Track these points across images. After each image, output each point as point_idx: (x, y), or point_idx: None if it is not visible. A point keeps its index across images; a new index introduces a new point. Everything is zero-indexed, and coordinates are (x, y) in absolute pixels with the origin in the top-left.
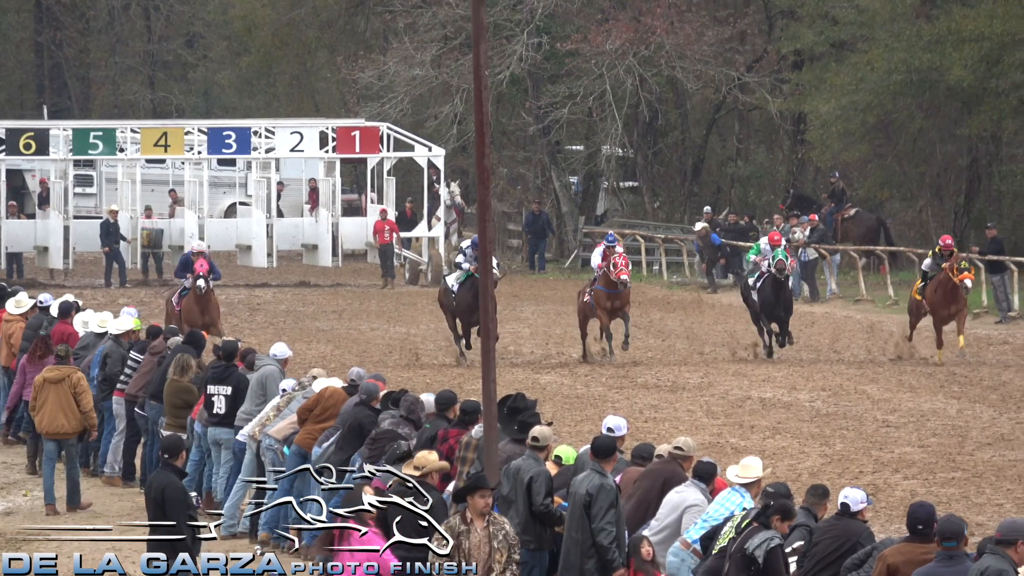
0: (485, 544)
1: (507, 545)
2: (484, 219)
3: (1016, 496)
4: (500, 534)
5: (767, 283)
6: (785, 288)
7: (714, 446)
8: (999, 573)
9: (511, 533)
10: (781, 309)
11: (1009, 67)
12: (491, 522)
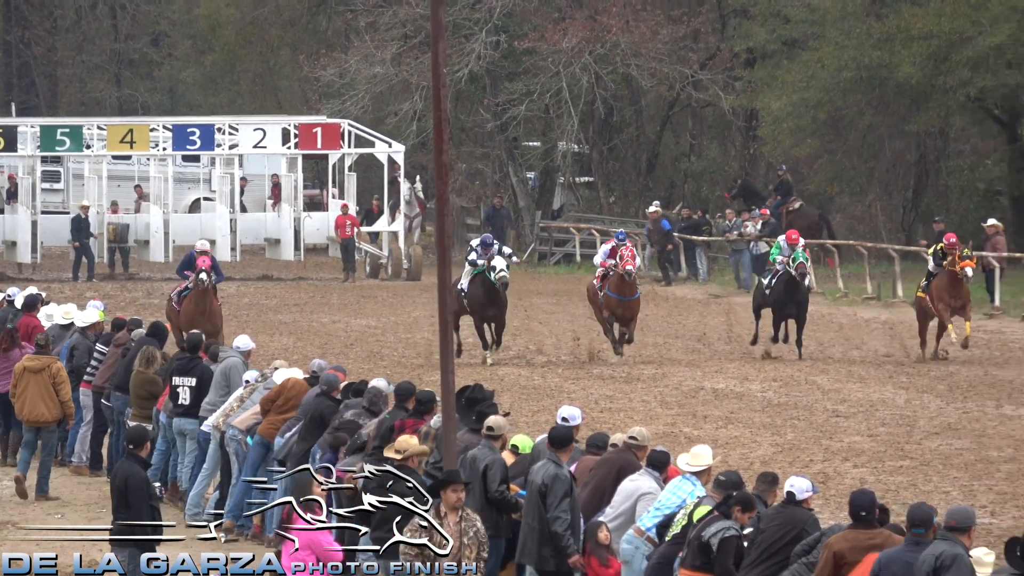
0: (456, 538)
1: (477, 542)
2: (442, 214)
3: (962, 484)
4: (471, 530)
5: (781, 281)
6: (800, 287)
7: (668, 435)
8: (955, 558)
9: (482, 530)
10: (793, 307)
11: (956, 64)
12: (464, 517)
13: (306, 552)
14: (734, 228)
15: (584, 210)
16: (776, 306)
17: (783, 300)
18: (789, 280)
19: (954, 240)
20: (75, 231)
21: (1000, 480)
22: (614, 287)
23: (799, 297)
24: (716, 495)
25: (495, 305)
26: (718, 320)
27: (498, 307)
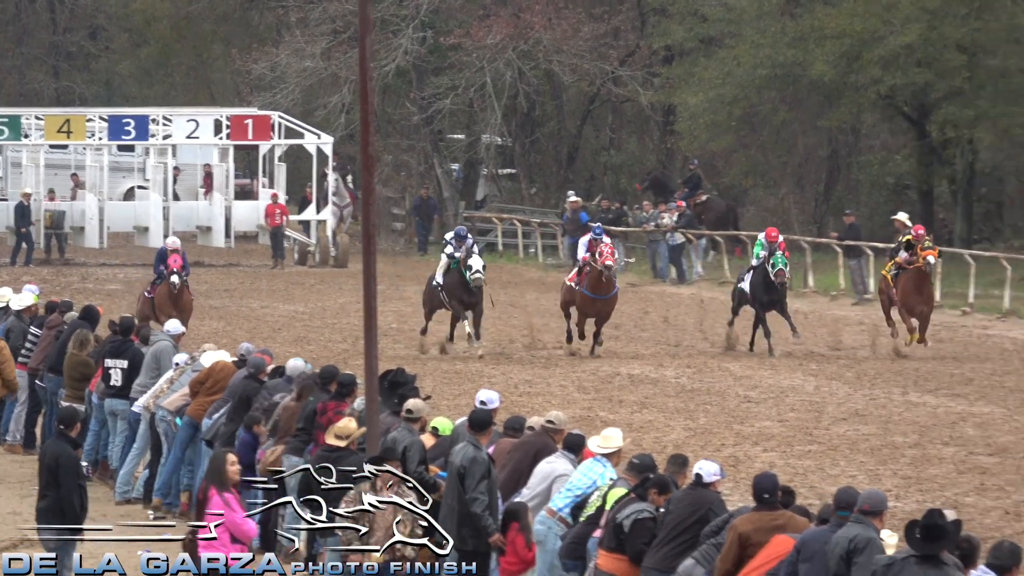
0: (389, 514)
1: (411, 519)
2: (368, 203)
3: (868, 468)
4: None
5: (758, 273)
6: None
7: (584, 419)
8: (868, 541)
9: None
10: (775, 294)
11: (868, 63)
12: (399, 493)
13: (220, 529)
14: (651, 220)
15: (506, 201)
16: (755, 298)
17: (762, 294)
18: (767, 276)
19: (922, 232)
20: (18, 218)
21: (904, 465)
22: (591, 285)
23: (776, 290)
24: (630, 477)
25: (472, 293)
26: (634, 308)
27: (474, 294)
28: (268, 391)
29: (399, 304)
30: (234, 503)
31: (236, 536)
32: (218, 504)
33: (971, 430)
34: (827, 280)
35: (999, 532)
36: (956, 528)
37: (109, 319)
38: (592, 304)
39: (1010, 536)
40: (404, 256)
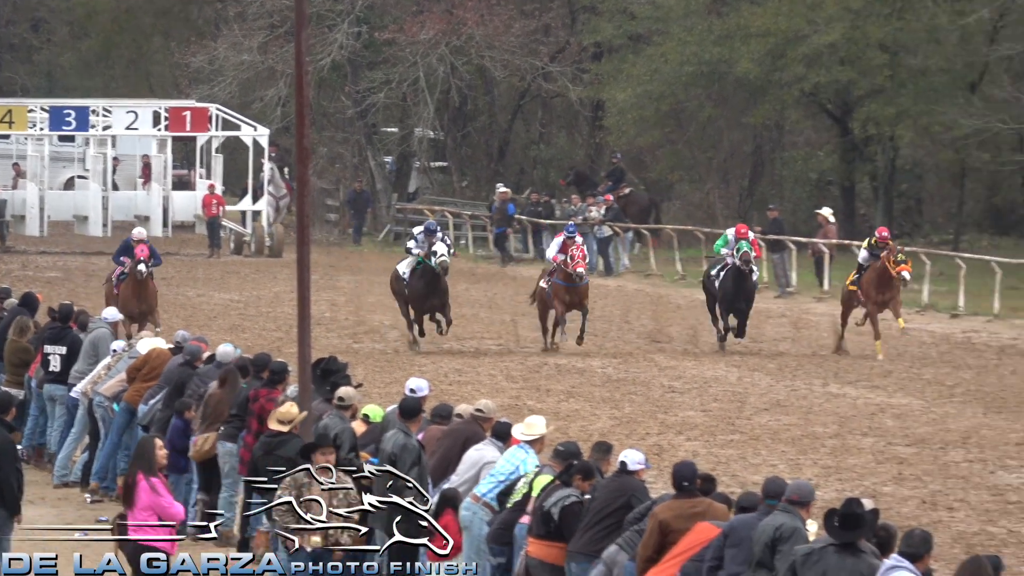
0: (327, 500)
1: (347, 503)
2: (303, 195)
3: (789, 457)
4: (342, 492)
5: (730, 274)
6: (748, 280)
7: (513, 408)
8: (794, 530)
9: (353, 494)
10: (742, 301)
11: (792, 61)
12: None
13: (148, 513)
14: (579, 213)
15: (438, 193)
16: (724, 299)
17: (733, 293)
18: (737, 276)
19: (886, 234)
20: None
21: (824, 454)
22: (563, 275)
23: (747, 289)
24: (555, 464)
25: (436, 294)
26: None
27: (439, 296)
28: (200, 378)
29: (332, 294)
30: (161, 487)
31: (163, 519)
32: (145, 489)
33: (890, 421)
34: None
35: (916, 521)
36: (874, 516)
37: (48, 306)
38: (566, 292)
39: (927, 525)
40: (338, 247)
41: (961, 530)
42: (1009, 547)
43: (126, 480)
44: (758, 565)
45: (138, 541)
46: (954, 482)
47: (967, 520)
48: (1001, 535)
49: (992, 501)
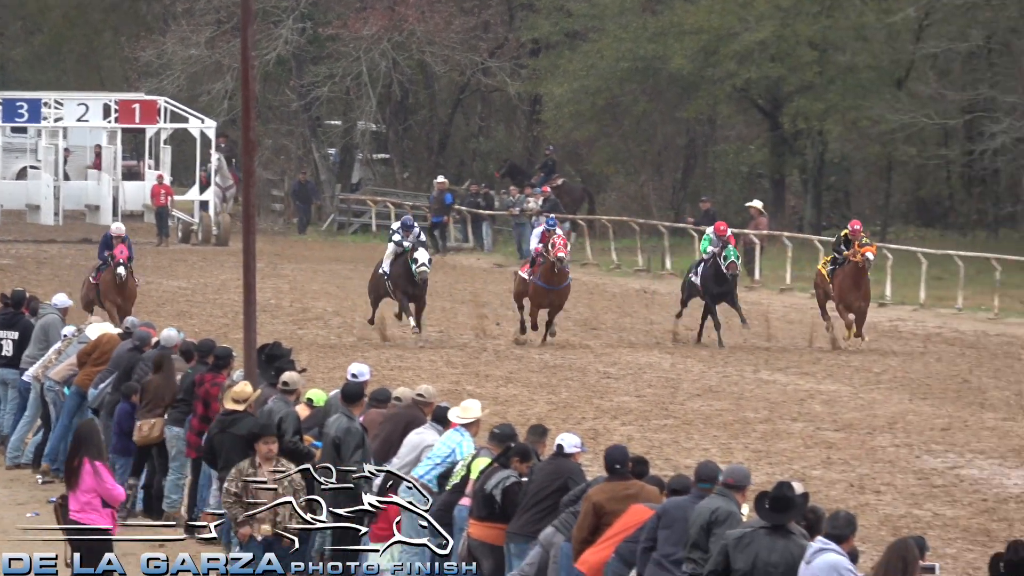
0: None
1: (292, 489)
2: (249, 185)
3: (720, 442)
4: (286, 480)
5: (709, 266)
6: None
7: (452, 393)
8: (729, 514)
9: (297, 479)
10: (725, 285)
11: (724, 57)
12: (277, 467)
13: (91, 496)
14: (517, 204)
15: (380, 184)
16: (706, 291)
17: (713, 286)
18: (719, 270)
19: (858, 227)
20: None
21: (755, 439)
22: (544, 276)
23: (726, 282)
24: (492, 447)
25: (416, 285)
26: (501, 287)
27: (419, 287)
28: (145, 362)
29: (277, 281)
30: (103, 471)
31: (107, 501)
32: (89, 472)
33: (818, 407)
34: (684, 263)
35: (844, 504)
36: (804, 500)
37: (1, 292)
38: (546, 295)
39: (854, 508)
40: (283, 236)
41: (888, 513)
42: (934, 529)
43: (69, 463)
44: (693, 546)
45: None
46: (881, 466)
47: (893, 503)
48: (926, 518)
49: (918, 485)
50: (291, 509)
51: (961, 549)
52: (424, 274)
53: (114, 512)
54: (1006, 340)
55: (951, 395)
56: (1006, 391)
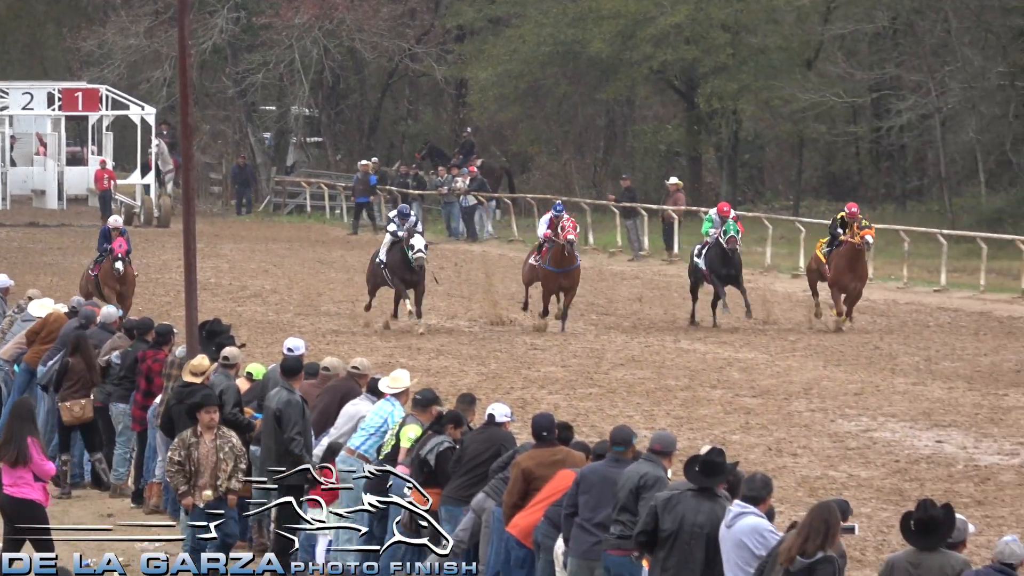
0: (212, 454)
1: (233, 456)
2: (188, 169)
3: (644, 409)
4: (227, 446)
5: (714, 249)
6: (733, 256)
7: (386, 365)
8: (657, 479)
9: (237, 445)
10: (731, 267)
11: (641, 41)
12: (219, 435)
13: (26, 471)
14: (445, 183)
15: (314, 167)
16: (712, 272)
17: (719, 267)
18: (723, 249)
19: (855, 210)
20: None
21: (677, 406)
22: (554, 260)
23: (733, 264)
24: (417, 413)
25: (414, 272)
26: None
27: (416, 272)
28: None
29: (217, 261)
30: (37, 446)
31: (39, 476)
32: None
33: (737, 374)
34: (606, 238)
35: (762, 467)
36: (733, 466)
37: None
38: (556, 278)
39: (772, 470)
40: (221, 217)
41: (804, 474)
42: (849, 490)
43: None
44: (622, 509)
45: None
46: (797, 430)
47: (810, 465)
48: (841, 479)
49: (832, 447)
50: (232, 471)
51: (875, 508)
52: (421, 260)
53: (45, 486)
54: (915, 308)
55: (863, 361)
56: (915, 357)
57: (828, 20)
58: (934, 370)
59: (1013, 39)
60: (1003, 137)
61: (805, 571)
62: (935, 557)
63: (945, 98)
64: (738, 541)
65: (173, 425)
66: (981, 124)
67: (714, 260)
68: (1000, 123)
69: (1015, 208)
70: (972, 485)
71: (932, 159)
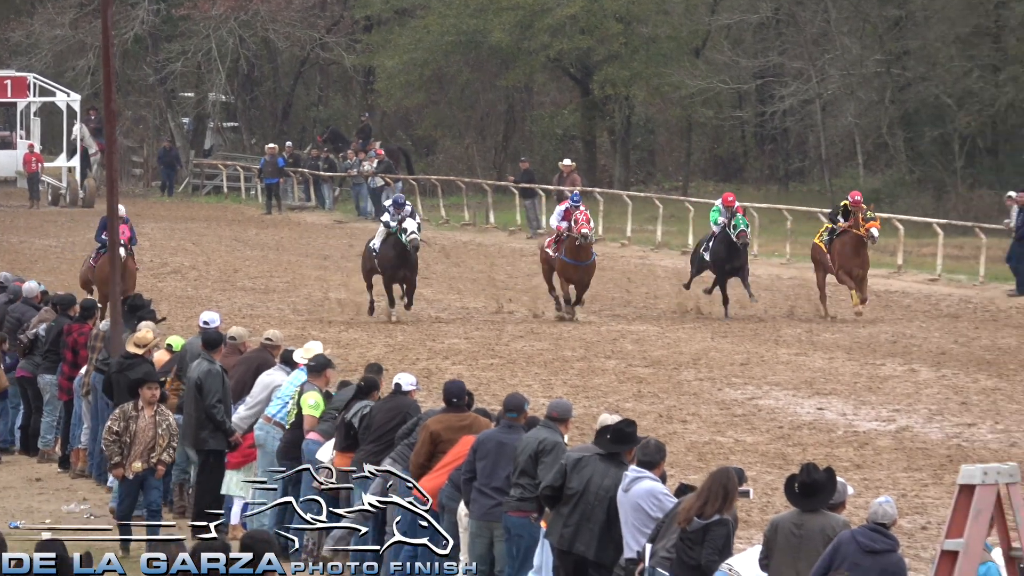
0: (150, 429)
1: (169, 433)
2: (111, 152)
3: (542, 378)
4: (164, 423)
5: (720, 241)
6: (740, 250)
7: (299, 338)
8: (555, 444)
9: (174, 424)
10: (736, 260)
11: (539, 31)
12: (158, 412)
13: None
14: (353, 166)
15: (230, 150)
16: (717, 266)
17: (724, 261)
18: (730, 243)
19: (859, 198)
20: None
21: (573, 375)
22: (570, 252)
23: (739, 256)
24: (313, 378)
25: (406, 266)
26: (341, 242)
27: (409, 268)
28: (11, 314)
29: (139, 239)
30: None
31: None
32: None
33: (629, 345)
34: (505, 217)
35: (654, 432)
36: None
37: None
38: (574, 270)
39: (663, 436)
40: (142, 198)
41: (694, 440)
42: (736, 454)
43: None
44: (522, 473)
45: None
46: (687, 398)
47: (699, 431)
48: (728, 444)
49: (720, 414)
50: (166, 446)
51: (760, 472)
52: (415, 241)
53: None
54: (797, 283)
55: (749, 333)
56: (797, 329)
57: (715, 11)
58: (815, 341)
59: (889, 28)
60: (880, 121)
61: (700, 531)
62: (817, 518)
63: (825, 84)
64: (635, 504)
65: (113, 393)
66: (859, 109)
67: (720, 253)
68: (877, 108)
69: (891, 188)
70: (851, 450)
71: (813, 142)
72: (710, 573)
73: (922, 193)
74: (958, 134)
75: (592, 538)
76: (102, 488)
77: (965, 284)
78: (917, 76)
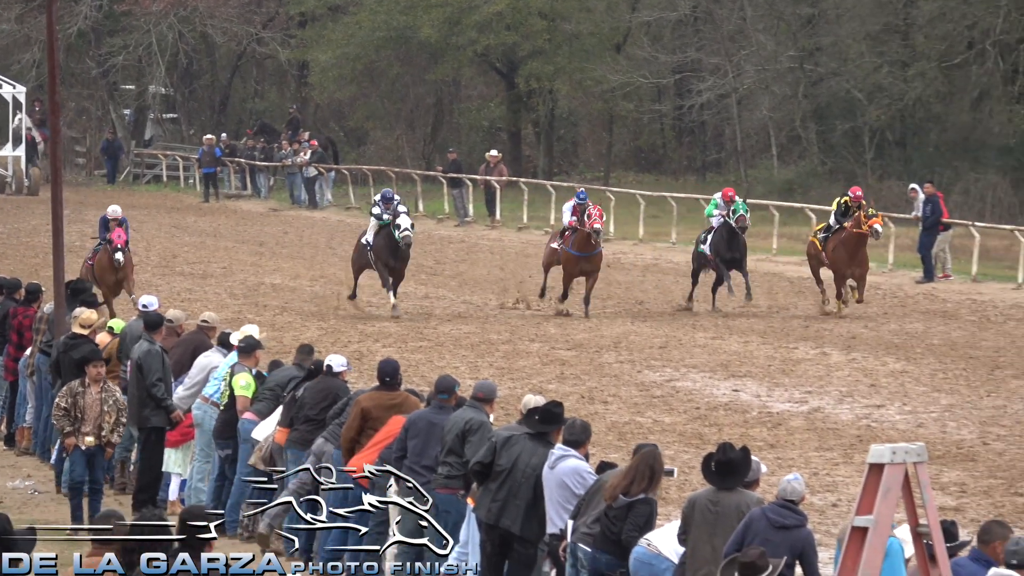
0: (97, 405)
1: (116, 409)
2: (55, 142)
3: (469, 360)
4: (111, 399)
5: (721, 233)
6: (739, 238)
7: (235, 320)
8: (480, 423)
9: (120, 400)
10: (736, 251)
11: (467, 27)
12: (104, 389)
13: None
14: (288, 156)
15: (170, 140)
16: (717, 253)
17: (724, 251)
18: (729, 232)
19: (860, 194)
20: None
21: (499, 358)
22: (577, 244)
23: (738, 247)
24: (243, 360)
25: (398, 258)
26: (276, 229)
27: (401, 260)
28: None
29: (82, 226)
30: None
31: None
32: None
33: (553, 329)
34: (434, 206)
35: (576, 413)
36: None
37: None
38: (577, 262)
39: (586, 416)
40: (85, 186)
41: (615, 420)
42: (655, 434)
43: None
44: (449, 452)
45: None
46: (608, 380)
47: (619, 412)
48: (647, 424)
49: (640, 396)
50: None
51: (678, 451)
52: (408, 239)
53: None
54: None
55: (667, 317)
56: (714, 314)
57: (636, 8)
58: (731, 326)
59: (802, 26)
60: (793, 114)
61: (625, 508)
62: (732, 495)
63: (741, 79)
64: (560, 481)
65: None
66: (773, 103)
67: (720, 243)
68: (790, 102)
69: (804, 179)
70: (765, 430)
71: (729, 134)
72: (630, 548)
73: (833, 184)
74: (868, 127)
75: (518, 514)
76: (46, 465)
77: (874, 271)
78: (829, 72)
